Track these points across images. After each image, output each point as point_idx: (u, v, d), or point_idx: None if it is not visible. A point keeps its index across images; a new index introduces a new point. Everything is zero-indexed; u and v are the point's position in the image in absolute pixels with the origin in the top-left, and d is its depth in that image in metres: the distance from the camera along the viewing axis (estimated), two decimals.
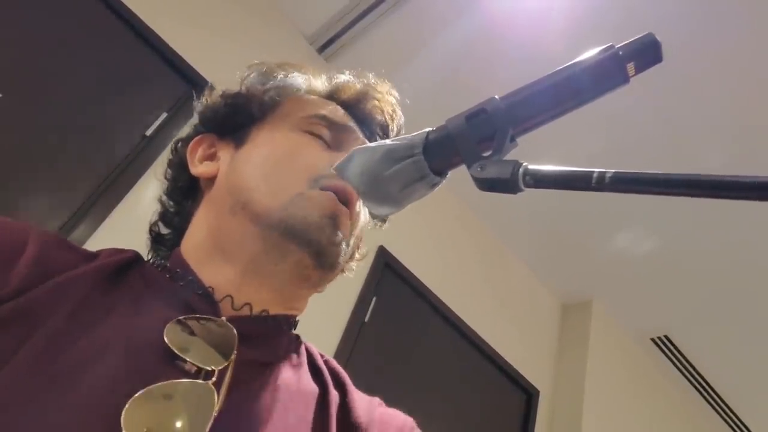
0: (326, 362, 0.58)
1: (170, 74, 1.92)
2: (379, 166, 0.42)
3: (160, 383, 0.40)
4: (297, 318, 0.57)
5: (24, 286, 0.42)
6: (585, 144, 2.38)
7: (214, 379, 0.42)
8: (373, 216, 0.63)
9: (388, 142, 0.43)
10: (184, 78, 1.97)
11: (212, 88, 0.65)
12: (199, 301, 0.49)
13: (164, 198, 0.63)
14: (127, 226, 1.68)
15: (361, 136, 0.62)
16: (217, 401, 0.41)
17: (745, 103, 2.09)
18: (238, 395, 0.44)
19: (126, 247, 0.54)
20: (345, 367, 2.08)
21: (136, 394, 0.38)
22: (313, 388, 0.52)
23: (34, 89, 1.68)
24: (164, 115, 1.90)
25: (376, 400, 0.58)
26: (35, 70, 1.69)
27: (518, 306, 2.97)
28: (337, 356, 2.04)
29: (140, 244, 0.75)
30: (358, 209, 0.57)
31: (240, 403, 0.44)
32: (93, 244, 1.60)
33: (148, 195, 1.78)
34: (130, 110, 1.84)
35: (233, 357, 0.45)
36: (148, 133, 1.85)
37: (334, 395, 0.52)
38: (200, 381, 0.42)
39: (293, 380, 0.50)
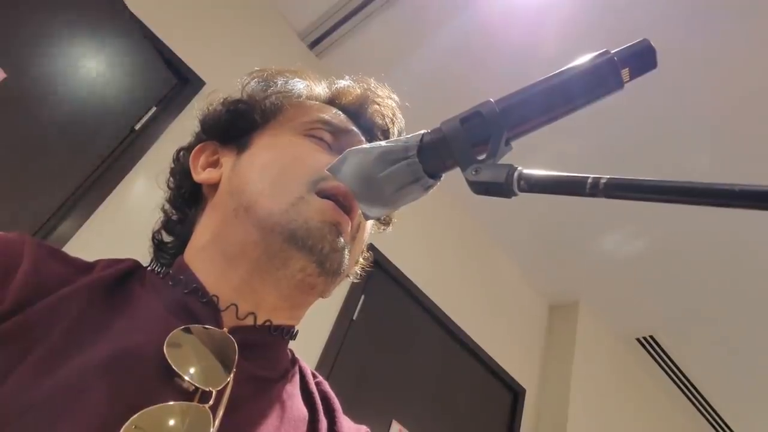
0: (318, 384, 0.57)
1: (160, 68, 1.90)
2: (374, 168, 0.42)
3: (155, 406, 0.39)
4: (296, 329, 0.57)
5: (19, 303, 0.42)
6: (573, 147, 2.39)
7: (211, 402, 0.42)
8: (366, 217, 0.63)
9: (383, 143, 0.43)
10: (173, 72, 1.95)
11: (212, 93, 0.64)
12: (202, 310, 0.49)
13: (167, 206, 0.63)
14: (114, 221, 1.67)
15: (363, 139, 0.62)
16: (213, 426, 0.40)
17: (733, 107, 2.12)
18: (234, 418, 0.43)
19: (113, 243, 0.53)
20: (333, 365, 2.08)
21: (131, 419, 0.37)
22: (304, 413, 0.51)
23: (17, 82, 1.65)
24: (153, 109, 1.88)
25: (364, 428, 0.58)
26: (21, 61, 1.66)
27: (506, 306, 2.99)
28: (324, 354, 2.04)
29: (127, 240, 0.74)
30: (360, 214, 0.56)
31: (235, 427, 0.44)
32: (79, 240, 1.58)
33: (135, 190, 1.76)
34: (118, 104, 1.82)
35: (232, 375, 0.45)
36: (137, 127, 1.83)
37: (323, 422, 0.52)
38: (197, 404, 0.41)
39: (287, 403, 0.50)
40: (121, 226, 1.65)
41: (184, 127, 0.67)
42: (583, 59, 0.38)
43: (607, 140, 2.37)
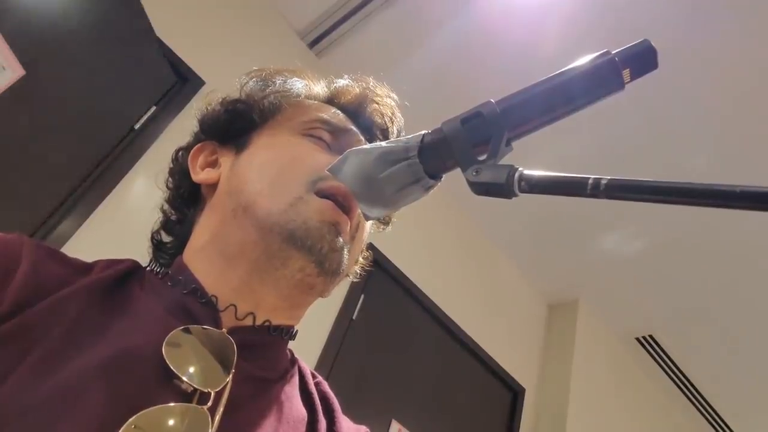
0: (317, 384, 0.57)
1: (159, 67, 1.90)
2: (374, 168, 0.42)
3: (154, 407, 0.39)
4: (296, 329, 0.57)
5: (19, 304, 0.42)
6: (573, 148, 2.39)
7: (209, 404, 0.42)
8: (366, 217, 0.63)
9: (383, 143, 0.43)
10: (173, 71, 1.94)
11: (210, 93, 0.64)
12: (201, 310, 0.49)
13: (166, 206, 0.63)
14: (114, 221, 1.66)
15: (362, 138, 0.62)
16: (212, 427, 0.41)
17: (733, 107, 2.12)
18: (233, 419, 0.43)
19: (112, 242, 0.53)
20: (332, 365, 2.07)
21: (129, 420, 0.37)
22: (303, 413, 0.51)
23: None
24: (153, 108, 1.87)
25: (363, 428, 0.58)
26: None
27: (505, 305, 2.99)
28: (324, 354, 2.04)
29: (126, 240, 0.74)
30: (359, 213, 0.56)
31: (234, 428, 0.44)
32: (79, 240, 1.58)
33: (135, 189, 1.76)
34: (117, 103, 1.82)
35: (231, 376, 0.45)
36: (136, 126, 1.82)
37: (323, 423, 0.52)
38: (195, 405, 0.41)
39: (286, 404, 0.50)
40: (120, 226, 1.65)
41: (184, 126, 0.66)
42: (584, 60, 0.38)
43: (607, 141, 2.37)
